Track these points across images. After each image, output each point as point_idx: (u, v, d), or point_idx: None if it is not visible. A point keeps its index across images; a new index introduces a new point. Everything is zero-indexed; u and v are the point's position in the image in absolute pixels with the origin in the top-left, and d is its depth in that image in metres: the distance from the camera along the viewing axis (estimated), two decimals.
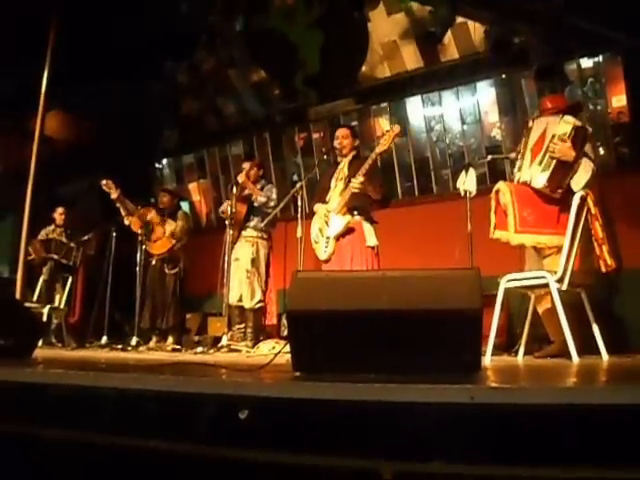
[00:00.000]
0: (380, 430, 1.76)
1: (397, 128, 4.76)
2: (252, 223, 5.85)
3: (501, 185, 3.98)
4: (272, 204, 5.78)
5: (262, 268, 5.81)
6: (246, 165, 5.95)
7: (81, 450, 2.16)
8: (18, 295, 5.99)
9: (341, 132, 5.08)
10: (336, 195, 4.84)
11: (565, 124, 3.86)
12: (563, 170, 3.79)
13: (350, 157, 4.96)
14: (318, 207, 5.02)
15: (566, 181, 3.78)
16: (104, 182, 6.42)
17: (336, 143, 5.03)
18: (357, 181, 4.60)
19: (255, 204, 5.82)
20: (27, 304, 6.14)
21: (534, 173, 3.87)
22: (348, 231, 4.76)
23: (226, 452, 1.91)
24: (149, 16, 7.16)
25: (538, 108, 5.15)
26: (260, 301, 5.76)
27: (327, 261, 4.82)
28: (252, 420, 1.88)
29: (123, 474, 2.11)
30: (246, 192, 5.81)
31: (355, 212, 4.78)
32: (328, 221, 4.85)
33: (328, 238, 4.81)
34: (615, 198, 5.39)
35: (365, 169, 4.61)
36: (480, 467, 1.66)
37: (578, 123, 3.89)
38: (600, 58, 6.50)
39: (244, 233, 5.81)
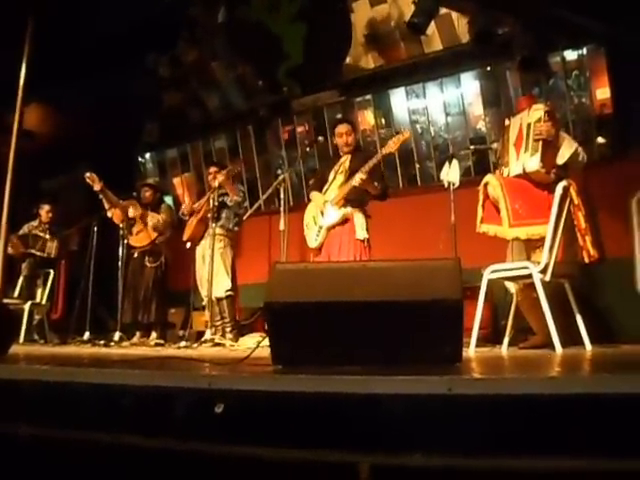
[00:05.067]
0: (359, 423, 1.73)
1: (407, 133, 4.95)
2: (221, 222, 5.91)
3: (490, 178, 3.99)
4: (245, 204, 5.95)
5: (229, 261, 5.91)
6: (212, 170, 6.09)
7: (58, 447, 2.13)
8: None
9: (345, 128, 5.05)
10: (335, 187, 4.92)
11: (536, 111, 3.98)
12: (550, 149, 3.89)
13: (352, 151, 5.03)
14: (315, 195, 5.05)
15: (556, 159, 3.90)
16: (88, 175, 6.36)
17: (340, 141, 5.04)
18: (359, 177, 4.67)
19: (230, 204, 5.91)
20: (7, 300, 6.06)
21: (525, 161, 3.90)
22: (341, 222, 4.83)
23: (203, 446, 1.88)
24: (130, 7, 7.07)
25: (516, 107, 5.23)
26: (229, 289, 5.80)
27: (317, 250, 4.88)
28: (230, 414, 1.85)
29: (100, 470, 2.07)
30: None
31: (350, 205, 4.84)
32: (324, 210, 4.88)
33: (321, 227, 4.87)
34: (598, 189, 5.40)
35: (369, 167, 4.69)
36: (460, 459, 1.64)
37: (546, 107, 4.00)
38: (584, 50, 6.47)
39: (211, 232, 5.80)
